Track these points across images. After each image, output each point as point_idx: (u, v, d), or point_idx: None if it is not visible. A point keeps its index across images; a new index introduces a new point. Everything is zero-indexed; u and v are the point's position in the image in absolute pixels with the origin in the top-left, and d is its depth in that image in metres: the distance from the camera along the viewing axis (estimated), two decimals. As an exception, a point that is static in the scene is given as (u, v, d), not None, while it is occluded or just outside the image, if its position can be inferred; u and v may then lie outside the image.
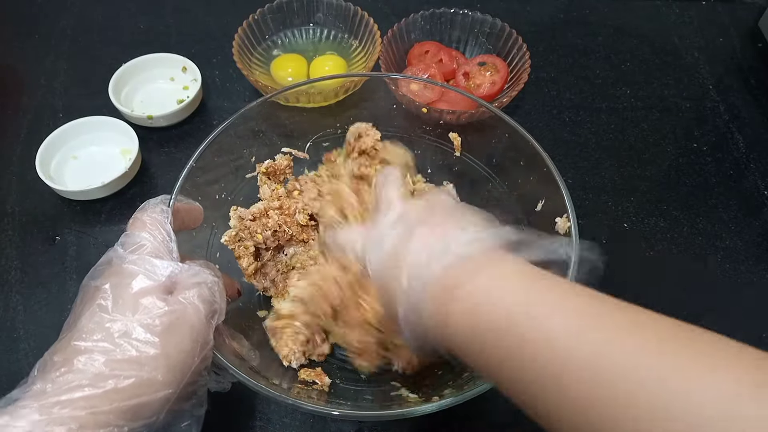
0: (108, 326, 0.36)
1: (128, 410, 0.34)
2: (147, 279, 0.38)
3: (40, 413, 0.32)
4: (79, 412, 0.32)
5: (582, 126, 0.76)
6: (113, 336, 0.35)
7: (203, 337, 0.39)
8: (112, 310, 0.36)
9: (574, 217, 0.48)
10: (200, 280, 0.40)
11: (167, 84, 0.77)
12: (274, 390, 0.42)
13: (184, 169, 0.50)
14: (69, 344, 0.35)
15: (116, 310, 0.36)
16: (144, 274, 0.38)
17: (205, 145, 0.52)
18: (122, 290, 0.37)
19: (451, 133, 0.60)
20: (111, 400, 0.33)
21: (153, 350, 0.35)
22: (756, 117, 0.77)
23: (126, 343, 0.35)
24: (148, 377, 0.35)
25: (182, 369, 0.37)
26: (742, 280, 0.63)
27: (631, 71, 0.81)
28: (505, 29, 0.77)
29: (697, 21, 0.87)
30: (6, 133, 0.73)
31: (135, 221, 0.42)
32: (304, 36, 0.81)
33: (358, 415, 0.49)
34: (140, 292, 0.37)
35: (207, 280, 0.40)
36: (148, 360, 0.35)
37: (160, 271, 0.39)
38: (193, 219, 0.48)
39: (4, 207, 0.67)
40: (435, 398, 0.44)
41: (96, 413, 0.33)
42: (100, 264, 0.40)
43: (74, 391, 0.33)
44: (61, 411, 0.32)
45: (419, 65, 0.75)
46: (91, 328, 0.36)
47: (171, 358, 0.36)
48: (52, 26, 0.84)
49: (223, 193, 0.56)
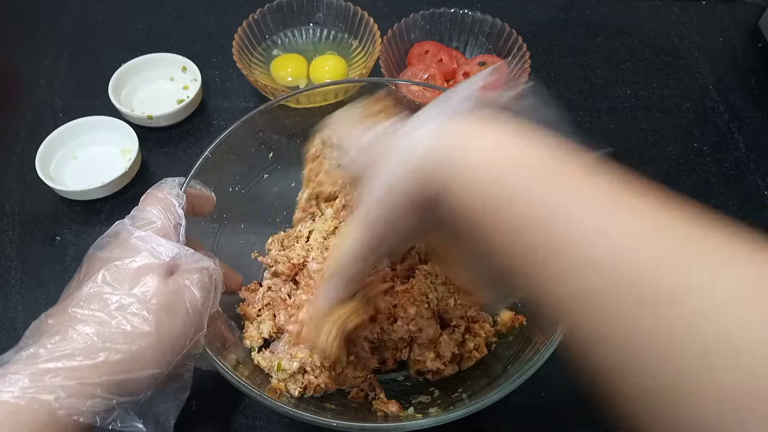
0: (106, 297, 0.36)
1: (116, 384, 0.34)
2: (151, 257, 0.38)
3: (31, 380, 0.32)
4: (68, 382, 0.33)
5: (582, 126, 0.75)
6: (110, 307, 0.36)
7: (197, 322, 0.39)
8: (112, 283, 0.37)
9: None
10: (202, 266, 0.40)
11: (167, 84, 0.77)
12: (253, 387, 0.42)
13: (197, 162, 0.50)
14: (66, 310, 0.36)
15: (116, 282, 0.37)
16: (149, 252, 0.38)
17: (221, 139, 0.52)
18: (125, 264, 0.37)
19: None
20: (101, 373, 0.34)
21: (147, 327, 0.36)
22: (756, 117, 0.77)
23: (121, 316, 0.35)
24: (139, 353, 0.35)
25: (173, 350, 0.37)
26: (742, 280, 0.63)
27: (631, 71, 0.81)
28: (505, 29, 0.77)
29: (697, 21, 0.87)
30: (6, 133, 0.73)
31: (149, 197, 0.42)
32: (304, 36, 0.81)
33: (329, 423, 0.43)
34: (142, 268, 0.38)
35: (209, 267, 0.40)
36: (141, 336, 0.35)
37: (165, 251, 0.39)
38: (203, 206, 0.48)
39: (4, 207, 0.67)
40: (419, 416, 0.45)
41: (84, 384, 0.33)
42: (107, 235, 0.40)
43: (66, 360, 0.33)
44: (52, 379, 0.33)
45: (419, 65, 0.75)
46: (90, 297, 0.36)
47: (163, 337, 0.36)
48: (52, 26, 0.84)
49: (237, 186, 0.56)
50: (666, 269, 0.23)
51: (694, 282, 0.23)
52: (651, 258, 0.24)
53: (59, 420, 0.32)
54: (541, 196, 0.27)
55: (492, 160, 0.29)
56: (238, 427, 0.54)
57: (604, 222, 0.26)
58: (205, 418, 0.53)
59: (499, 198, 0.28)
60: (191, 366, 0.41)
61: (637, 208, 0.26)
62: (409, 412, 0.47)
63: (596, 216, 0.26)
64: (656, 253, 0.24)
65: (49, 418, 0.32)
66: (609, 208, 0.26)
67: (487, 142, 0.30)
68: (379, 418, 0.47)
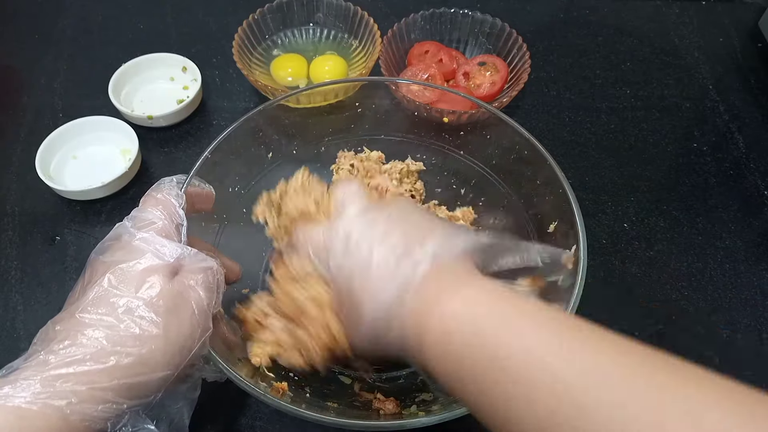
0: (113, 301, 0.36)
1: (127, 388, 0.34)
2: (155, 258, 0.38)
3: (42, 385, 0.32)
4: (79, 387, 0.33)
5: (582, 126, 0.76)
6: (117, 311, 0.35)
7: (203, 321, 0.39)
8: (118, 286, 0.36)
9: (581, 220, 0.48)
10: (206, 266, 0.40)
11: (167, 84, 0.77)
12: (256, 387, 0.42)
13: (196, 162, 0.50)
14: (73, 316, 0.36)
15: (122, 285, 0.37)
16: (153, 253, 0.38)
17: (221, 139, 0.52)
18: (130, 267, 0.37)
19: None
20: (111, 377, 0.34)
21: (155, 329, 0.36)
22: (756, 117, 0.77)
23: (129, 319, 0.35)
24: (148, 356, 0.35)
25: (181, 351, 0.37)
26: (742, 280, 0.63)
27: (631, 71, 0.81)
28: (505, 29, 0.77)
29: (697, 21, 0.87)
30: (6, 133, 0.73)
31: (148, 198, 0.42)
32: (304, 36, 0.81)
33: (330, 421, 0.43)
34: (147, 270, 0.37)
35: (213, 267, 0.40)
36: (150, 339, 0.35)
37: (169, 252, 0.39)
38: (203, 203, 0.48)
39: (4, 207, 0.67)
40: (421, 414, 0.44)
41: (95, 389, 0.33)
42: (108, 239, 0.40)
43: (76, 365, 0.33)
44: (63, 385, 0.32)
45: (419, 65, 0.75)
46: (96, 301, 0.36)
47: (171, 339, 0.36)
48: (52, 26, 0.84)
49: (237, 187, 0.56)
50: (587, 385, 0.27)
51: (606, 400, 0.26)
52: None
53: (71, 425, 0.32)
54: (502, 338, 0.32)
55: (464, 312, 0.34)
56: (238, 427, 0.54)
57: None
58: (205, 417, 0.53)
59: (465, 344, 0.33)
60: (200, 365, 0.41)
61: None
62: (411, 410, 0.47)
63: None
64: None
65: (61, 423, 0.32)
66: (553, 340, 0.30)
67: (462, 297, 0.35)
68: (381, 417, 0.47)
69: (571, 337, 0.30)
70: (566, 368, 0.28)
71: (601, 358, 0.28)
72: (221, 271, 0.42)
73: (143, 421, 0.36)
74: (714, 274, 0.64)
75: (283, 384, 0.47)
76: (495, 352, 0.31)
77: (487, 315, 0.33)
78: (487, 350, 0.31)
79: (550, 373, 0.28)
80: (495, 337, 0.31)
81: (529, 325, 0.31)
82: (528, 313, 0.33)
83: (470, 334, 0.32)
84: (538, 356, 0.29)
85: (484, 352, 0.31)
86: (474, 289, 0.35)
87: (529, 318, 0.32)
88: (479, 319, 0.33)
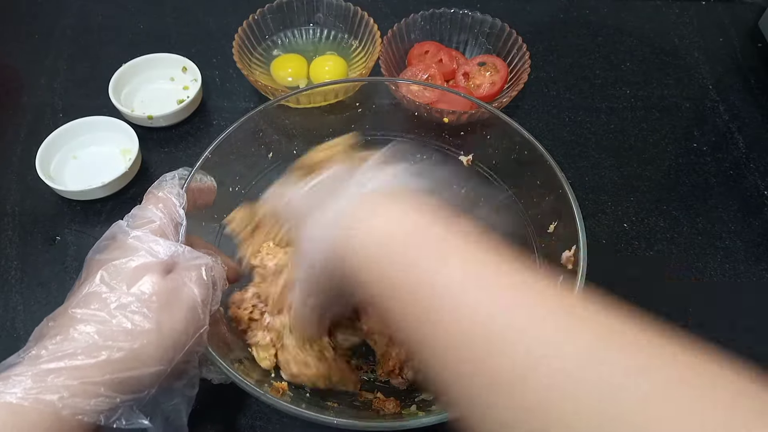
0: (105, 297, 0.36)
1: (119, 382, 0.34)
2: (149, 255, 0.38)
3: (34, 381, 0.32)
4: (71, 382, 0.33)
5: (582, 126, 0.76)
6: (110, 306, 0.36)
7: (197, 318, 0.39)
8: (111, 282, 0.37)
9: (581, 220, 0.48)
10: (200, 263, 0.40)
11: (167, 84, 0.77)
12: (256, 386, 0.42)
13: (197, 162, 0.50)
14: (66, 311, 0.36)
15: (115, 282, 0.37)
16: (146, 251, 0.39)
17: (221, 139, 0.52)
18: (123, 264, 0.38)
19: (461, 157, 0.60)
20: (103, 372, 0.34)
21: (147, 324, 0.36)
22: (756, 117, 0.77)
23: (121, 315, 0.36)
24: (140, 351, 0.35)
25: (174, 347, 0.37)
26: (742, 280, 0.63)
27: (630, 71, 0.81)
28: (505, 29, 0.77)
29: (697, 21, 0.87)
30: (6, 133, 0.73)
31: (150, 196, 0.43)
32: (304, 36, 0.81)
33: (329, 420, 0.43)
34: (140, 267, 0.38)
35: (207, 263, 0.41)
36: (142, 334, 0.36)
37: (163, 250, 0.39)
38: (205, 197, 0.49)
39: (4, 207, 0.67)
40: (421, 413, 0.45)
41: (87, 383, 0.33)
42: (104, 238, 0.40)
43: (68, 360, 0.34)
44: (54, 380, 0.33)
45: (419, 65, 0.75)
46: (89, 297, 0.36)
47: (164, 334, 0.36)
48: (52, 26, 0.84)
49: (237, 187, 0.56)
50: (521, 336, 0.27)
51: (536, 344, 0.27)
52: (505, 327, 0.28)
53: (64, 420, 0.32)
54: (421, 263, 0.32)
55: (387, 233, 0.34)
56: (238, 427, 0.54)
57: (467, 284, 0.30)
58: (205, 417, 0.53)
59: (383, 265, 0.33)
60: (196, 362, 0.41)
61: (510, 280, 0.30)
62: (411, 410, 0.47)
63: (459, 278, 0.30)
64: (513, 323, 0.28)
65: (54, 418, 0.32)
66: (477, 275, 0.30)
67: (387, 217, 0.35)
68: (381, 417, 0.47)
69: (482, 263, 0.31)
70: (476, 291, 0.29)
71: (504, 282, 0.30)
72: (219, 268, 0.42)
73: (136, 415, 0.36)
74: (714, 274, 0.64)
75: (283, 384, 0.47)
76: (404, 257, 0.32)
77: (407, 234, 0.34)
78: (399, 257, 0.33)
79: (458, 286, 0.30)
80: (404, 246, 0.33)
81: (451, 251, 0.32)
82: (450, 241, 0.33)
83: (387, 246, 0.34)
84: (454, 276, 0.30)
85: (397, 260, 0.33)
86: (396, 212, 0.36)
87: (450, 244, 0.33)
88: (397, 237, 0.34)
